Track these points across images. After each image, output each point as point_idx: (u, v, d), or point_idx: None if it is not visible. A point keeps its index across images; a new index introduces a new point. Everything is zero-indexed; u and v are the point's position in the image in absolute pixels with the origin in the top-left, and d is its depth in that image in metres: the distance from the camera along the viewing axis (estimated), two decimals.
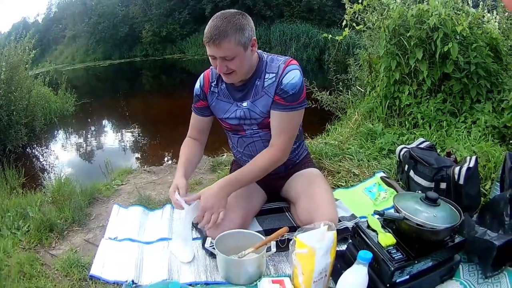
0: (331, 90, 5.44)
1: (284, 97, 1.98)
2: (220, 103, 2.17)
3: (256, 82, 2.05)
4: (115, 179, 3.35)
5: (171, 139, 6.37)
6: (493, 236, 1.78)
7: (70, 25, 25.83)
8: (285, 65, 2.01)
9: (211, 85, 2.18)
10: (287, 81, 1.97)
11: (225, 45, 1.82)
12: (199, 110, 2.25)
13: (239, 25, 1.84)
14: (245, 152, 2.29)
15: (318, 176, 2.33)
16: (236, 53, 1.86)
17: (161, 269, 2.01)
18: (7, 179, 3.70)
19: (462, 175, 2.23)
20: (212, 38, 1.80)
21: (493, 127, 3.29)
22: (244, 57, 1.91)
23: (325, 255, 1.62)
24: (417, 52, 3.56)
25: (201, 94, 2.20)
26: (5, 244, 2.27)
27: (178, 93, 11.80)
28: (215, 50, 1.84)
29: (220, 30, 1.79)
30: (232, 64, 1.89)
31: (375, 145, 3.46)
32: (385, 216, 1.65)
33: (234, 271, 1.84)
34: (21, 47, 7.02)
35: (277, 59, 2.06)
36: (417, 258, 1.58)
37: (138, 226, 2.45)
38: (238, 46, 1.85)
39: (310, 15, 19.76)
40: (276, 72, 2.01)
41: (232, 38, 1.81)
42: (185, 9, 22.51)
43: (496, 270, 1.77)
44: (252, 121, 2.12)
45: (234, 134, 2.27)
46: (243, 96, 2.10)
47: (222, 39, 1.80)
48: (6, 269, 2.04)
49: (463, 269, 1.86)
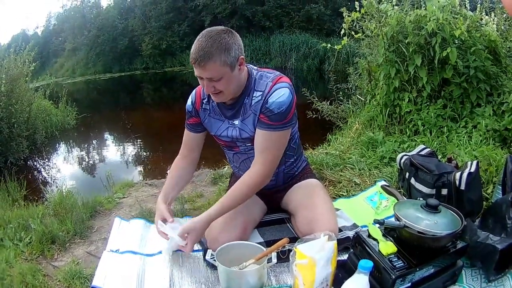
0: (332, 100, 5.48)
1: (268, 116, 1.93)
2: (212, 120, 2.16)
3: (245, 100, 2.02)
4: (116, 192, 3.37)
5: (172, 151, 6.30)
6: (495, 240, 1.78)
7: (70, 37, 25.89)
8: (272, 83, 1.95)
9: (202, 102, 2.17)
10: (273, 100, 1.92)
11: (210, 66, 1.79)
12: (191, 127, 2.25)
13: (224, 45, 1.80)
14: (241, 167, 2.29)
15: (317, 187, 2.31)
16: (222, 73, 1.83)
17: (162, 280, 2.01)
18: (9, 191, 3.72)
19: (463, 180, 2.22)
20: (197, 59, 1.78)
21: (494, 130, 3.30)
22: (231, 77, 1.88)
23: (326, 265, 1.62)
24: (416, 58, 3.58)
25: (193, 110, 2.20)
26: (7, 255, 2.30)
27: (179, 106, 11.66)
28: (200, 71, 1.82)
29: (205, 52, 1.76)
30: (219, 85, 1.86)
31: (376, 154, 3.46)
32: (385, 224, 1.65)
33: (235, 282, 1.82)
34: (21, 59, 7.05)
35: (266, 76, 2.01)
36: (419, 265, 1.58)
37: (140, 239, 2.45)
38: (224, 66, 1.81)
39: (309, 25, 19.83)
40: (263, 91, 1.96)
41: (217, 59, 1.78)
42: (184, 21, 22.59)
43: (499, 274, 1.77)
44: (244, 139, 2.10)
45: (229, 150, 2.27)
46: (234, 115, 2.08)
47: (207, 60, 1.77)
48: (8, 279, 2.06)
49: (466, 274, 1.85)
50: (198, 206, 2.95)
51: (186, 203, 3.00)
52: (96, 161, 7.24)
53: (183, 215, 2.74)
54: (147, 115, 11.27)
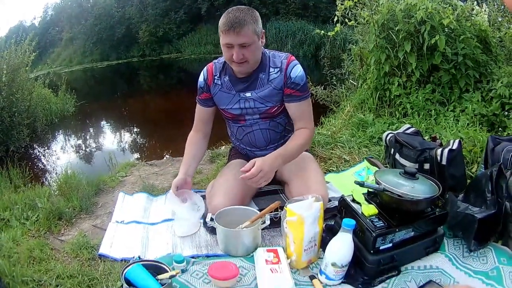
0: (326, 85, 5.60)
1: (297, 89, 2.21)
2: (223, 94, 2.33)
3: (260, 75, 2.24)
4: (119, 171, 3.47)
5: (170, 136, 6.48)
6: (475, 211, 1.89)
7: (67, 27, 25.72)
8: (287, 60, 2.22)
9: (214, 78, 2.34)
10: (295, 75, 2.19)
11: (245, 32, 2.00)
12: (203, 102, 2.42)
13: (255, 17, 2.06)
14: (243, 140, 2.46)
15: (309, 159, 2.48)
16: (252, 40, 2.05)
17: (165, 245, 2.17)
18: (11, 178, 3.73)
19: (445, 155, 2.33)
20: (233, 26, 1.98)
21: (482, 115, 3.41)
22: (258, 46, 2.12)
23: (313, 223, 1.78)
24: (405, 45, 3.70)
25: (205, 86, 2.37)
26: (14, 233, 2.35)
27: (175, 92, 11.86)
28: (234, 38, 2.01)
29: (240, 19, 1.98)
30: (248, 52, 2.07)
31: (366, 134, 3.60)
32: (365, 186, 1.78)
33: (232, 242, 1.99)
34: (22, 49, 7.09)
35: (278, 55, 2.27)
36: (398, 226, 1.72)
37: (143, 210, 2.60)
38: (254, 34, 2.04)
39: (305, 12, 19.71)
40: (280, 67, 2.22)
41: (250, 26, 2.01)
42: (181, 9, 22.47)
43: (481, 245, 1.87)
44: (254, 111, 2.30)
45: (234, 123, 2.44)
46: (246, 87, 2.27)
47: (242, 26, 1.98)
48: (15, 256, 2.12)
49: (448, 243, 1.96)
50: (197, 181, 3.06)
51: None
52: (96, 146, 7.35)
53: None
54: (145, 102, 11.32)
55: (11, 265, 1.97)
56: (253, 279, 1.80)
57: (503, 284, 1.66)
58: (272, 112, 2.31)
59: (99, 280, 1.90)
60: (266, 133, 2.39)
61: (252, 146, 2.46)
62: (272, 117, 2.33)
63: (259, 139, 2.41)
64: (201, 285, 1.78)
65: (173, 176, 3.15)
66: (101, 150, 6.87)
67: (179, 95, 3.32)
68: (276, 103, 2.27)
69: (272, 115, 2.32)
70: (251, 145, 2.46)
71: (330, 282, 1.73)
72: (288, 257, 1.85)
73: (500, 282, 1.68)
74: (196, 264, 1.92)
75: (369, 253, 1.72)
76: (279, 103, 2.28)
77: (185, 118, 2.44)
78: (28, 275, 1.92)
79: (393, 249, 1.76)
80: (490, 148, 2.32)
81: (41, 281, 1.91)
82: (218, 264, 1.81)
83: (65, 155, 6.63)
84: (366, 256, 1.73)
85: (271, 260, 1.78)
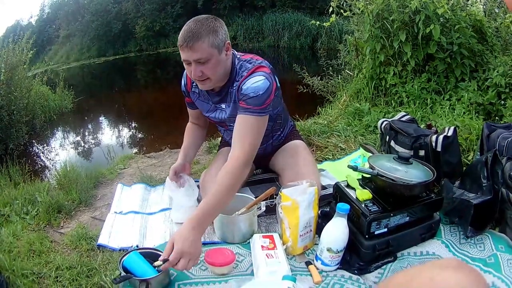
0: (322, 76, 5.62)
1: (245, 100, 1.95)
2: (201, 103, 2.29)
3: (230, 89, 2.08)
4: (117, 164, 3.50)
5: (167, 130, 6.49)
6: (470, 196, 1.90)
7: (64, 24, 25.71)
8: (248, 73, 1.99)
9: (192, 85, 2.26)
10: (247, 86, 1.95)
11: (199, 47, 1.82)
12: (188, 104, 2.42)
13: (212, 27, 1.85)
14: (230, 141, 2.42)
15: (301, 147, 2.46)
16: (210, 55, 1.86)
17: (163, 233, 2.19)
18: (11, 175, 3.69)
19: (439, 142, 2.33)
20: (186, 40, 1.81)
21: (478, 104, 3.42)
22: (218, 61, 1.91)
23: (308, 208, 1.80)
24: (400, 34, 3.71)
25: (186, 91, 2.33)
26: (14, 228, 2.36)
27: (172, 86, 11.67)
28: (189, 54, 1.84)
29: (194, 33, 1.81)
30: (207, 69, 1.89)
31: (362, 123, 3.63)
32: (358, 170, 1.81)
33: (229, 229, 2.01)
34: (19, 48, 7.10)
35: (246, 65, 2.04)
36: (393, 211, 1.74)
37: (141, 200, 2.63)
38: (212, 48, 1.85)
39: (301, 4, 19.64)
40: (239, 80, 2.01)
41: (205, 39, 1.82)
42: (177, 3, 22.41)
43: (478, 232, 1.88)
44: (234, 119, 2.05)
45: (220, 127, 2.44)
46: (220, 100, 2.16)
47: (195, 40, 1.80)
48: (15, 250, 2.13)
49: (445, 229, 1.97)
50: (195, 171, 3.08)
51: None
52: (94, 141, 7.37)
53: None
54: (142, 96, 11.34)
55: (11, 259, 1.98)
56: (249, 265, 1.82)
57: (501, 272, 1.66)
58: None
59: (98, 270, 1.91)
60: None
61: None
62: None
63: None
64: (198, 272, 1.79)
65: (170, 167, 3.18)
66: (99, 144, 6.88)
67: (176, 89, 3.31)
68: None
69: None
70: None
71: (326, 268, 1.75)
72: (284, 243, 1.86)
73: (499, 269, 1.67)
74: None
75: (364, 238, 1.74)
76: None
77: (182, 112, 2.45)
78: (28, 268, 1.93)
79: (388, 234, 1.77)
80: (486, 135, 2.33)
81: (41, 274, 1.92)
82: (215, 250, 1.82)
83: (64, 151, 6.64)
84: (361, 241, 1.75)
85: (267, 246, 1.80)
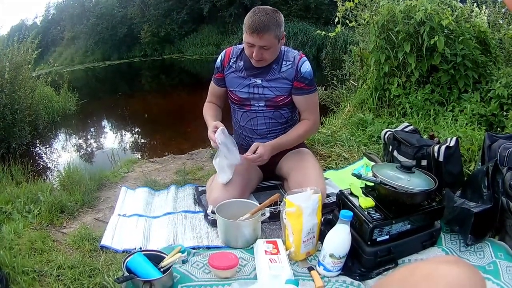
0: (327, 86, 5.65)
1: (306, 83, 2.37)
2: (235, 77, 2.49)
3: (273, 65, 2.38)
4: (121, 167, 3.50)
5: (170, 136, 6.55)
6: (471, 205, 1.92)
7: (69, 26, 25.71)
8: (299, 56, 2.39)
9: (230, 60, 2.50)
10: (305, 70, 2.35)
11: (267, 37, 2.16)
12: (217, 81, 2.60)
13: (278, 21, 2.20)
14: (246, 126, 2.55)
15: (308, 154, 2.59)
16: (273, 44, 2.22)
17: (167, 237, 2.21)
18: (13, 174, 3.69)
19: (442, 152, 2.35)
20: (257, 30, 2.12)
21: (481, 115, 3.43)
22: (276, 48, 2.29)
23: (312, 214, 1.82)
24: (405, 45, 3.73)
25: (220, 67, 2.53)
26: (16, 226, 2.38)
27: (177, 92, 11.89)
28: (256, 40, 2.17)
29: (264, 24, 2.12)
30: (267, 53, 2.25)
31: (365, 133, 3.65)
32: (362, 178, 1.83)
33: (233, 234, 2.03)
34: (24, 47, 7.10)
35: (292, 50, 2.44)
36: (395, 219, 1.76)
37: (145, 204, 2.65)
38: (275, 39, 2.20)
39: (307, 14, 19.68)
40: (293, 61, 2.37)
41: (272, 32, 2.16)
42: (183, 9, 22.43)
43: (478, 240, 1.90)
44: (261, 97, 2.42)
45: (240, 109, 2.54)
46: (258, 74, 2.41)
47: (265, 32, 2.13)
48: (16, 247, 2.14)
49: (445, 238, 2.00)
50: (199, 177, 3.11)
51: (187, 175, 3.17)
52: (98, 144, 7.34)
53: (185, 183, 2.95)
54: (146, 101, 11.31)
55: (12, 256, 2.00)
56: (252, 270, 1.85)
57: (500, 278, 1.68)
58: (277, 102, 2.41)
59: (100, 270, 1.92)
60: (269, 122, 2.49)
61: (253, 133, 2.54)
62: (277, 106, 2.44)
63: (261, 126, 2.51)
64: (202, 275, 1.81)
65: (174, 173, 3.23)
66: (102, 147, 6.89)
67: (181, 95, 3.29)
68: (283, 93, 2.40)
69: (277, 104, 2.43)
70: (252, 132, 2.55)
71: (328, 274, 1.77)
72: (287, 249, 1.88)
73: (497, 276, 1.69)
74: (197, 255, 1.96)
75: (366, 244, 1.76)
76: (286, 94, 2.40)
77: (185, 118, 2.50)
78: (29, 266, 1.95)
79: (390, 241, 1.80)
80: (487, 145, 2.36)
81: (42, 272, 1.93)
82: (218, 254, 1.84)
83: (67, 152, 6.63)
84: (363, 247, 1.77)
85: (270, 251, 1.82)
